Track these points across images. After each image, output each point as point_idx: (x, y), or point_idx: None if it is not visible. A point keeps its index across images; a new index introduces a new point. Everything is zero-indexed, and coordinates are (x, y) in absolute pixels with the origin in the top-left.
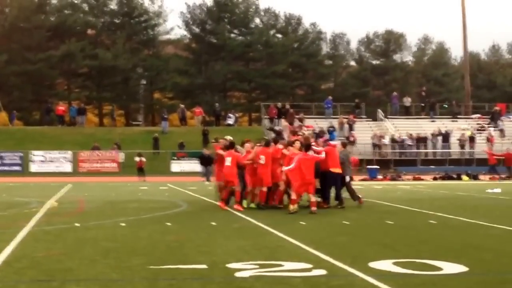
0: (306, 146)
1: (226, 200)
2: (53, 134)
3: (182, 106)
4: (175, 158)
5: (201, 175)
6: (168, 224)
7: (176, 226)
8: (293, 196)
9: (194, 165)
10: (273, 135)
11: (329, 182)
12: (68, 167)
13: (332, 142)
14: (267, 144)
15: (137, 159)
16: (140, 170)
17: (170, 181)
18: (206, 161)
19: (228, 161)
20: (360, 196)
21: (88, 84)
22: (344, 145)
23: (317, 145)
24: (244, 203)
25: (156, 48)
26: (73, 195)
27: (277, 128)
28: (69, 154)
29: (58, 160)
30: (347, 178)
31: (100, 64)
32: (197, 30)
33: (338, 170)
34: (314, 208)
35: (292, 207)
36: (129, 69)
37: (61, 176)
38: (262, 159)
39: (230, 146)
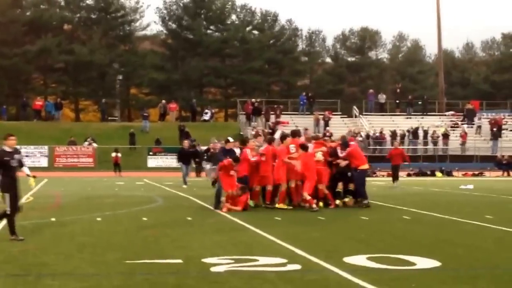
0: (304, 147)
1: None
2: (29, 129)
3: (164, 101)
4: (152, 153)
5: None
6: (144, 219)
7: (152, 221)
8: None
9: (171, 161)
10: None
11: (360, 180)
12: (44, 162)
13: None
14: (269, 142)
15: (113, 154)
16: (116, 165)
17: (146, 176)
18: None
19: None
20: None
21: (64, 79)
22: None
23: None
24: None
25: (132, 44)
26: (49, 190)
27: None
28: (45, 149)
29: (34, 155)
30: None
31: (76, 59)
32: (173, 26)
33: (365, 166)
34: (314, 206)
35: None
36: (106, 65)
37: (37, 171)
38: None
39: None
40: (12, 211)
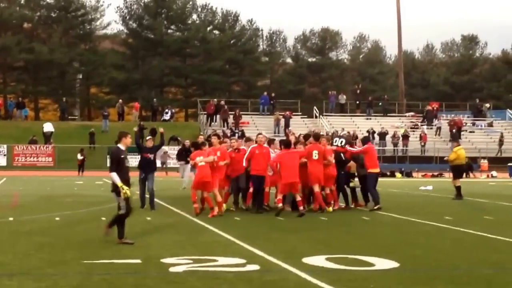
0: (286, 144)
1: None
2: None
3: (121, 101)
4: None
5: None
6: (103, 218)
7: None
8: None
9: (130, 160)
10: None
11: (371, 182)
12: (3, 161)
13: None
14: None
15: (80, 157)
16: (81, 166)
17: (106, 176)
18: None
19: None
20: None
21: (24, 78)
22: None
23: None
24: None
25: (92, 43)
26: (7, 189)
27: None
28: (4, 147)
29: None
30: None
31: (36, 58)
32: (134, 25)
33: (377, 170)
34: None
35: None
36: (66, 64)
37: None
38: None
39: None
40: None
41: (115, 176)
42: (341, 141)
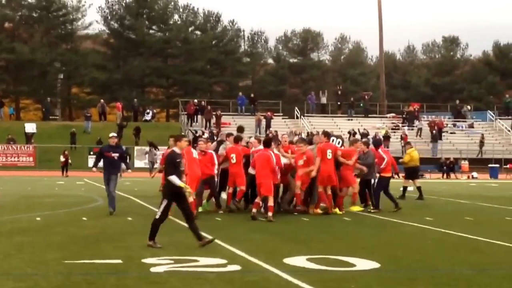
0: (266, 143)
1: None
2: None
3: (102, 101)
4: (92, 153)
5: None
6: (84, 219)
7: (92, 221)
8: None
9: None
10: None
11: (381, 187)
12: None
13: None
14: (237, 141)
15: (62, 159)
16: (64, 167)
17: (86, 176)
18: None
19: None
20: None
21: (5, 78)
22: (367, 144)
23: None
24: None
25: (74, 43)
26: None
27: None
28: None
29: None
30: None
31: (17, 57)
32: (115, 25)
33: (389, 174)
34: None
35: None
36: (47, 63)
37: None
38: (233, 158)
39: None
40: None
41: (174, 178)
42: (338, 141)
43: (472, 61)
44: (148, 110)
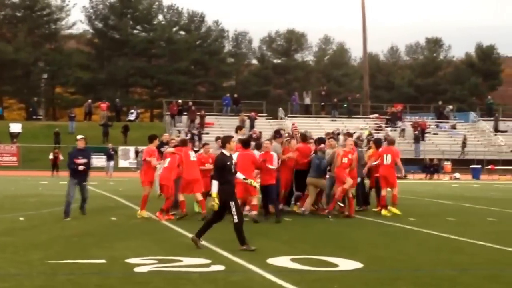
0: (244, 142)
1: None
2: None
3: (90, 101)
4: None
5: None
6: (68, 219)
7: (76, 221)
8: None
9: (96, 160)
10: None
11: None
12: None
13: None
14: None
15: (51, 156)
16: (54, 165)
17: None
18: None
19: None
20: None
21: None
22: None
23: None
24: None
25: (58, 43)
26: None
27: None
28: None
29: None
30: (358, 179)
31: (1, 57)
32: (100, 25)
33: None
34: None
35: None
36: (31, 63)
37: None
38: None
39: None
40: None
41: (214, 184)
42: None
43: (455, 62)
44: (132, 110)
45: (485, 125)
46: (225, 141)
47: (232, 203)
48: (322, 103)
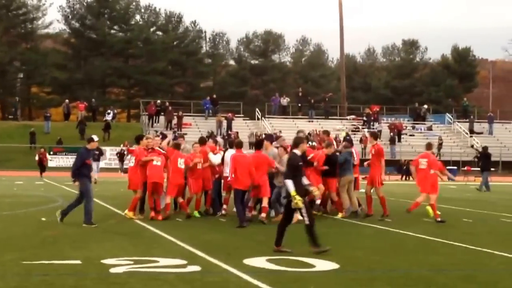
0: (232, 143)
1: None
2: None
3: (67, 101)
4: (52, 153)
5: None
6: (43, 219)
7: (52, 221)
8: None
9: (71, 161)
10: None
11: None
12: None
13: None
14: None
15: (36, 157)
16: (40, 166)
17: (46, 176)
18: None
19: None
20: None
21: None
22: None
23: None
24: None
25: (34, 42)
26: None
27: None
28: None
29: None
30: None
31: None
32: (76, 25)
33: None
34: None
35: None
36: (6, 62)
37: None
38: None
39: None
40: None
41: (290, 183)
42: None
43: (431, 64)
44: (109, 111)
45: (460, 127)
46: (297, 141)
47: (302, 206)
48: (299, 104)
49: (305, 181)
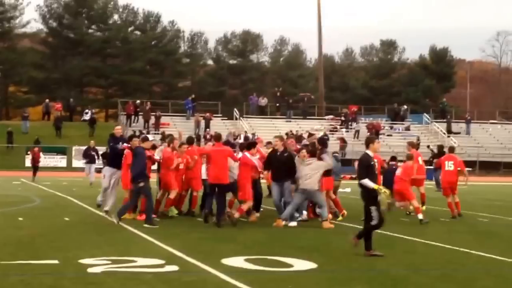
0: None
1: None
2: None
3: (47, 100)
4: (29, 153)
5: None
6: (20, 219)
7: (29, 221)
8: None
9: (48, 160)
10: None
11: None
12: None
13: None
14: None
15: (30, 157)
16: (35, 167)
17: (23, 176)
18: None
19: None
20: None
21: None
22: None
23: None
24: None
25: (11, 41)
26: None
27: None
28: None
29: None
30: None
31: None
32: (54, 24)
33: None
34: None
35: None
36: None
37: None
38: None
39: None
40: None
41: (368, 182)
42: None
43: (409, 64)
44: (86, 110)
45: (438, 127)
46: (369, 141)
47: (373, 207)
48: (277, 104)
49: (370, 184)
